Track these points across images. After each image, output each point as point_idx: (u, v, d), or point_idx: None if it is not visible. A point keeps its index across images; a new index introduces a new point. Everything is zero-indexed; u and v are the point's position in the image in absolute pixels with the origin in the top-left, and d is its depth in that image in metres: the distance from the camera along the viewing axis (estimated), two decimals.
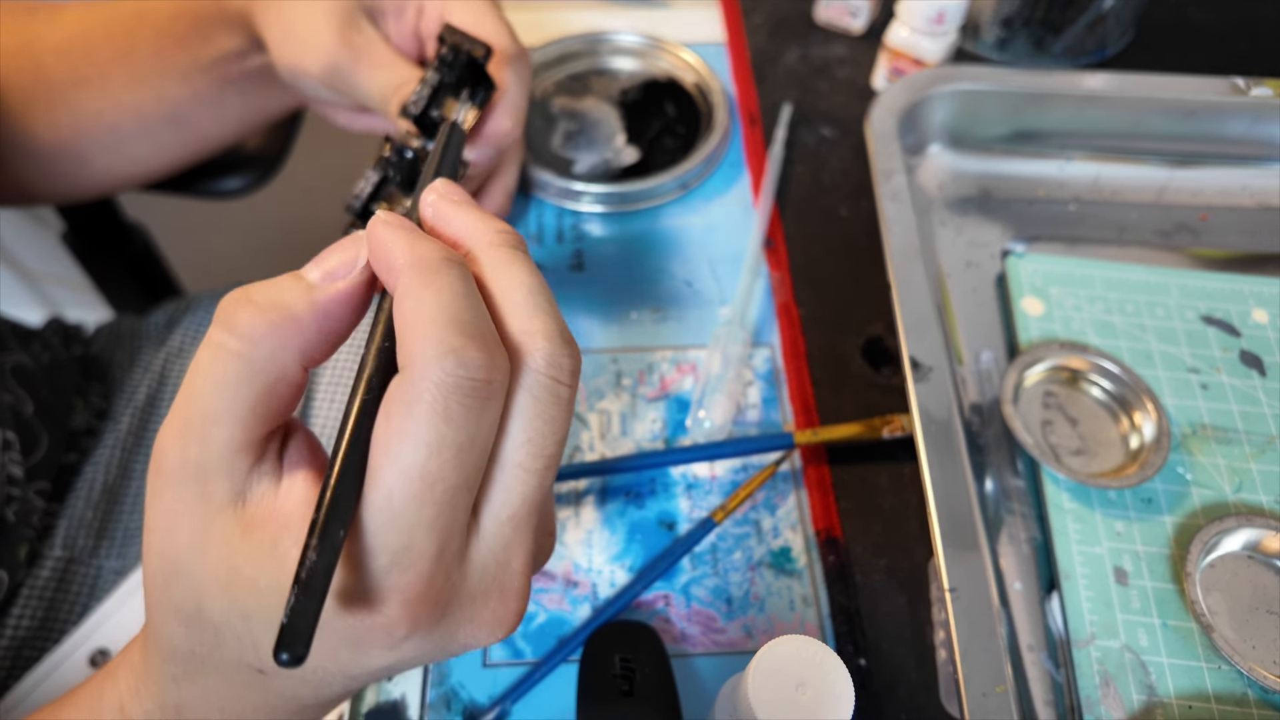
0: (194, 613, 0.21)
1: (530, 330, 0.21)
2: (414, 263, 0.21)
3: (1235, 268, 0.47)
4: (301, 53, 0.39)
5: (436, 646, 0.22)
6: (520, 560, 0.22)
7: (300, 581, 0.18)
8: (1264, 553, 0.36)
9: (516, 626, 0.23)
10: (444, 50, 0.36)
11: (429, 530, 0.20)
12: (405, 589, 0.20)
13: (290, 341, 0.21)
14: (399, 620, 0.20)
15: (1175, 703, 0.33)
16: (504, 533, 0.22)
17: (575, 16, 0.62)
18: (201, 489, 0.21)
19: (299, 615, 0.17)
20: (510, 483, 0.21)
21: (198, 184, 0.60)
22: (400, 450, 0.19)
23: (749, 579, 0.37)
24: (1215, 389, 0.41)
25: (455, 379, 0.19)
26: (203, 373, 0.21)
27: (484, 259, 0.23)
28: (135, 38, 0.43)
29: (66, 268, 0.75)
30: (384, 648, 0.21)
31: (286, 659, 0.17)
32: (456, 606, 0.21)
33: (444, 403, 0.19)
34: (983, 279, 0.47)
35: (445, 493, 0.19)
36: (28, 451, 0.45)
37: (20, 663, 0.42)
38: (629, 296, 0.47)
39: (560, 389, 0.22)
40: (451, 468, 0.19)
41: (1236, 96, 0.48)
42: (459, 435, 0.19)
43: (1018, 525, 0.38)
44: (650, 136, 0.54)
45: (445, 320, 0.20)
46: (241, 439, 0.21)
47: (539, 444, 0.21)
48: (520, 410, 0.21)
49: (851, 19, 0.60)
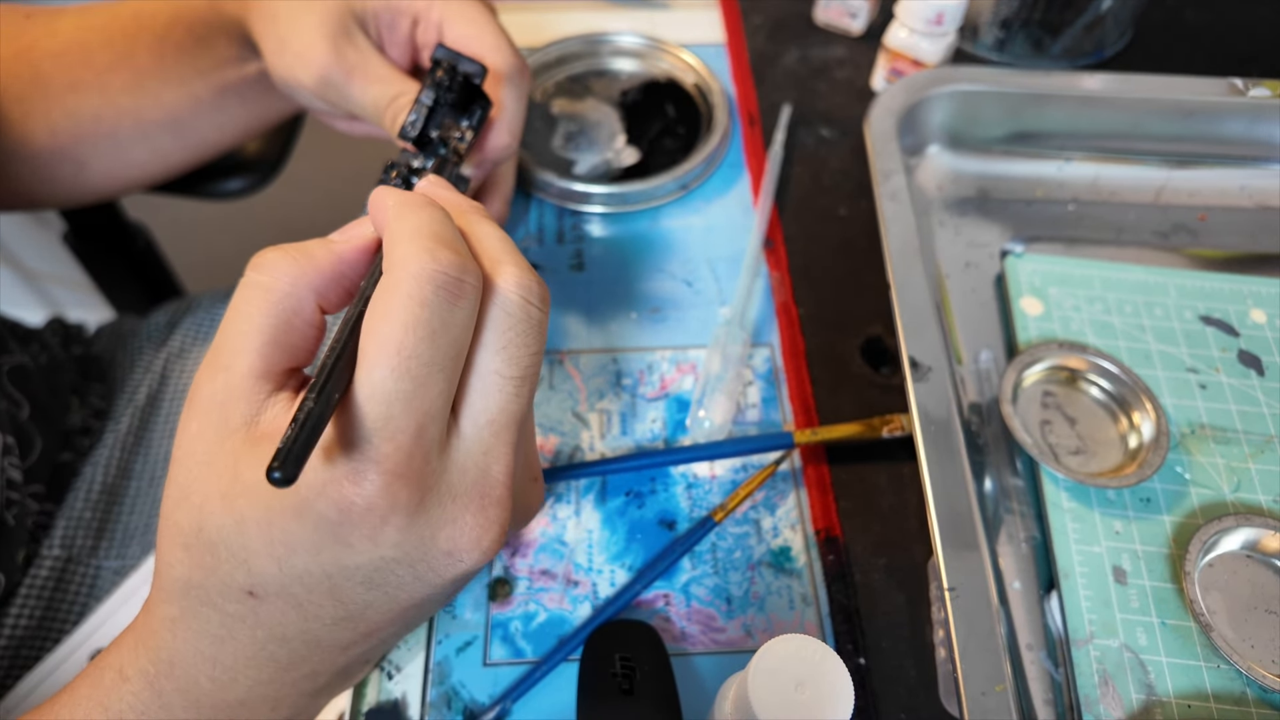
0: (194, 532, 0.23)
1: (500, 260, 0.25)
2: (402, 200, 0.24)
3: (1234, 268, 0.47)
4: (294, 64, 0.39)
5: (418, 546, 0.23)
6: (500, 468, 0.24)
7: (296, 421, 0.20)
8: (1262, 552, 0.36)
9: (498, 543, 0.24)
10: (439, 74, 0.36)
11: (406, 405, 0.21)
12: (383, 460, 0.21)
13: (308, 278, 0.24)
14: (378, 492, 0.21)
15: (1174, 702, 0.33)
16: (484, 437, 0.24)
17: (575, 18, 0.62)
18: (220, 414, 0.23)
19: (293, 441, 0.19)
20: (487, 388, 0.24)
21: (199, 185, 0.60)
22: (379, 328, 0.22)
23: (749, 578, 0.37)
24: (1214, 389, 0.41)
25: (429, 271, 0.22)
26: (233, 308, 0.23)
27: (462, 218, 0.26)
28: (134, 43, 0.43)
29: (68, 268, 0.76)
30: (365, 535, 0.22)
31: (279, 476, 0.19)
32: (436, 502, 0.23)
33: (419, 290, 0.22)
34: (982, 279, 0.47)
35: (420, 369, 0.22)
36: (24, 454, 0.45)
37: (19, 663, 0.42)
38: (629, 296, 0.47)
39: (530, 309, 0.24)
40: (425, 345, 0.22)
41: (1234, 97, 0.48)
42: (432, 318, 0.22)
43: (1017, 524, 0.38)
44: (650, 137, 0.54)
45: (424, 232, 0.23)
46: (261, 367, 0.23)
47: (512, 353, 0.24)
48: (493, 322, 0.24)
49: (850, 20, 0.61)
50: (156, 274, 0.73)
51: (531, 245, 0.49)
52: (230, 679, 0.24)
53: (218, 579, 0.23)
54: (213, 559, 0.22)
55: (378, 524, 0.22)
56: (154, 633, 0.24)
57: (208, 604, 0.23)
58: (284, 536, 0.22)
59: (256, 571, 0.22)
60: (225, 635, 0.23)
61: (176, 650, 0.24)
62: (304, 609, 0.23)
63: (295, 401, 0.23)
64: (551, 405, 0.43)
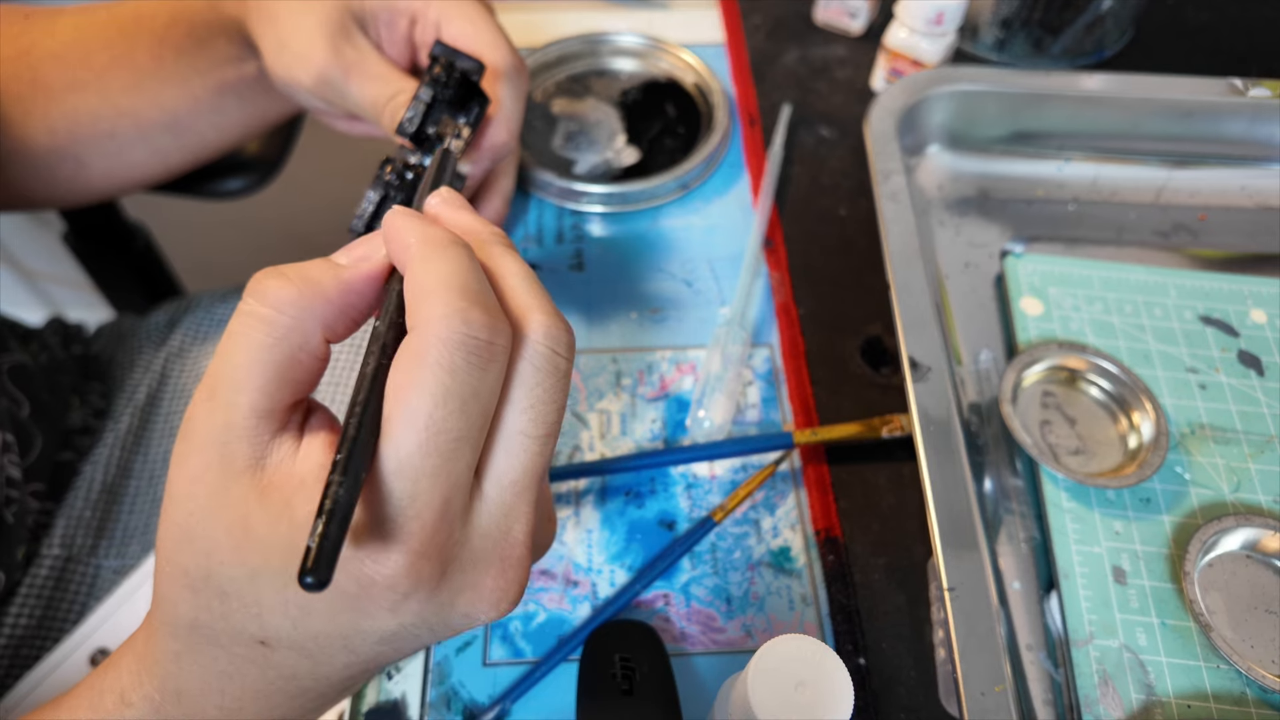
0: (202, 578, 0.22)
1: (529, 306, 0.23)
2: (425, 239, 0.22)
3: (1233, 268, 0.47)
4: (293, 64, 0.39)
5: (437, 613, 0.22)
6: (521, 529, 0.23)
7: (325, 510, 0.19)
8: (1262, 552, 0.36)
9: (517, 602, 0.24)
10: (437, 70, 0.36)
11: (433, 480, 0.20)
12: (409, 539, 0.20)
13: (315, 310, 0.22)
14: (402, 572, 0.21)
15: (1174, 702, 0.33)
16: (506, 499, 0.22)
17: (575, 17, 0.62)
18: (223, 453, 0.21)
19: (324, 539, 0.18)
20: (513, 448, 0.22)
21: (199, 185, 0.60)
22: (407, 399, 0.20)
23: (748, 578, 0.37)
24: (1214, 389, 0.41)
25: (460, 336, 0.20)
26: (231, 339, 0.22)
27: (482, 252, 0.24)
28: (133, 44, 0.43)
29: (68, 268, 0.76)
30: (385, 607, 0.21)
31: (311, 581, 0.18)
32: (458, 570, 0.22)
33: (449, 357, 0.20)
34: (981, 279, 0.47)
35: (449, 444, 0.20)
36: (24, 453, 0.45)
37: (19, 662, 0.42)
38: (629, 296, 0.47)
39: (559, 360, 0.23)
40: (456, 419, 0.20)
41: (1234, 97, 0.48)
42: (463, 389, 0.20)
43: (1016, 525, 0.38)
44: (650, 137, 0.54)
45: (452, 286, 0.21)
46: (265, 405, 0.22)
47: (540, 411, 0.23)
48: (522, 379, 0.22)
49: (850, 20, 0.61)
50: (156, 273, 0.73)
51: (531, 245, 0.49)
52: (238, 708, 0.24)
53: (228, 625, 0.22)
54: (223, 606, 0.22)
55: (399, 600, 0.21)
56: (158, 663, 0.24)
57: (215, 644, 0.23)
58: (299, 600, 0.21)
59: (269, 626, 0.22)
60: (233, 672, 0.23)
61: (183, 682, 0.23)
62: (316, 659, 0.23)
63: (302, 445, 0.22)
64: None
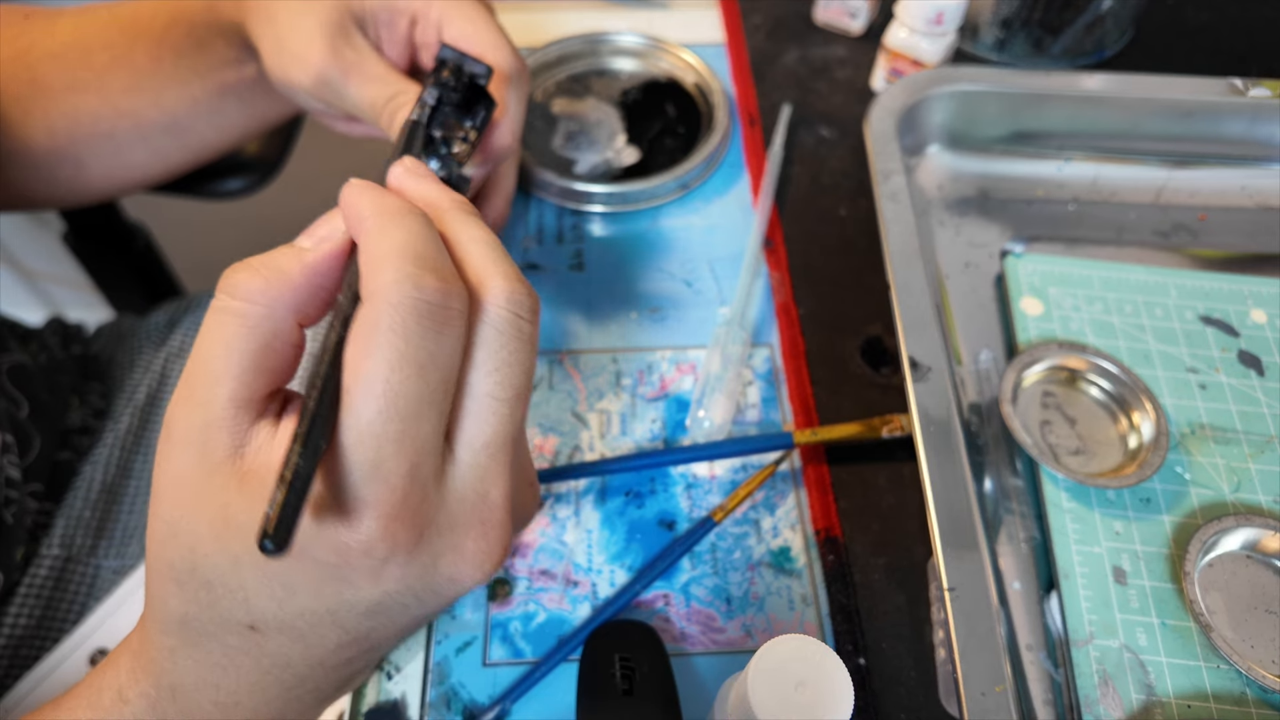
0: (187, 570, 0.22)
1: (489, 272, 0.23)
2: (378, 210, 0.22)
3: (1234, 268, 0.47)
4: (291, 65, 0.39)
5: (420, 578, 0.22)
6: (499, 492, 0.23)
7: (283, 479, 0.19)
8: (1262, 552, 0.36)
9: (500, 564, 0.24)
10: (445, 74, 0.35)
11: (398, 445, 0.20)
12: (379, 503, 0.20)
13: (285, 297, 0.22)
14: (377, 537, 0.21)
15: (1174, 702, 0.33)
16: (480, 462, 0.23)
17: (576, 17, 0.62)
18: (204, 445, 0.22)
19: (283, 507, 0.19)
20: (481, 411, 0.22)
21: (199, 185, 0.60)
22: (363, 367, 0.20)
23: (748, 578, 0.37)
24: (1214, 389, 0.41)
25: (412, 300, 0.20)
26: (206, 336, 0.22)
27: (444, 219, 0.24)
28: (132, 45, 0.43)
29: (68, 268, 0.76)
30: (366, 574, 0.21)
31: (270, 547, 0.18)
32: (436, 533, 0.22)
33: (401, 322, 0.20)
34: (981, 279, 0.47)
35: (409, 407, 0.20)
36: (23, 453, 0.45)
37: (19, 662, 0.42)
38: (629, 296, 0.47)
39: (521, 324, 0.23)
40: (413, 383, 0.20)
41: (1234, 97, 0.48)
42: (418, 353, 0.20)
43: (1016, 525, 0.38)
44: (651, 137, 0.54)
45: (404, 253, 0.21)
46: (243, 395, 0.22)
47: (505, 374, 0.23)
48: (484, 342, 0.22)
49: (850, 20, 0.61)
50: (156, 274, 0.73)
51: (531, 245, 0.49)
52: (234, 702, 0.24)
53: (216, 614, 0.22)
54: (209, 595, 0.22)
55: (378, 565, 0.21)
56: (153, 660, 0.24)
57: (207, 636, 0.23)
58: (283, 579, 0.21)
59: (255, 610, 0.22)
60: (228, 664, 0.23)
61: (179, 678, 0.24)
62: (307, 639, 0.23)
63: (279, 430, 0.22)
64: (551, 405, 0.43)
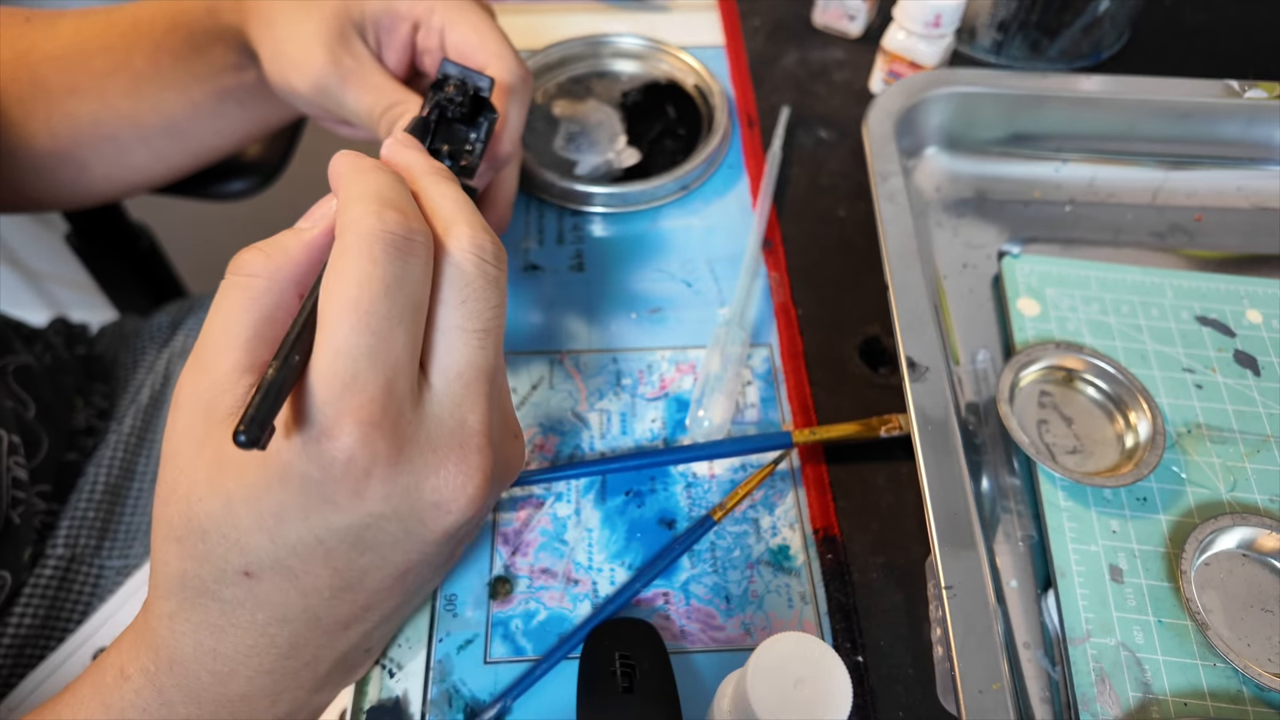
0: (184, 522, 0.23)
1: (455, 220, 0.25)
2: (353, 167, 0.25)
3: (1230, 268, 0.47)
4: (290, 71, 0.39)
5: (404, 498, 0.23)
6: (476, 419, 0.25)
7: (259, 387, 0.20)
8: (1258, 551, 0.36)
9: (483, 494, 0.25)
10: (449, 89, 0.35)
11: (372, 359, 0.22)
12: (356, 411, 0.22)
13: (285, 270, 0.24)
14: (357, 443, 0.22)
15: (1171, 700, 0.33)
16: (454, 390, 0.24)
17: (576, 19, 0.62)
18: (208, 408, 0.23)
19: (256, 406, 0.20)
20: (452, 343, 0.24)
21: (202, 186, 0.61)
22: (335, 288, 0.22)
23: (748, 577, 0.38)
24: (1210, 389, 0.41)
25: (376, 230, 0.23)
26: (214, 310, 0.24)
27: (420, 182, 0.27)
28: (132, 49, 0.43)
29: (71, 269, 0.76)
30: (350, 490, 0.22)
31: (243, 439, 0.20)
32: (416, 452, 0.23)
33: (367, 247, 0.23)
34: (979, 280, 0.47)
35: (380, 323, 0.22)
36: (31, 454, 0.45)
37: (23, 662, 0.42)
38: (629, 296, 0.47)
39: (486, 266, 0.25)
40: (382, 301, 0.22)
41: (1231, 99, 0.49)
42: (385, 274, 0.22)
43: (1014, 523, 0.38)
44: (651, 138, 0.54)
45: (367, 194, 0.24)
46: (245, 362, 0.24)
47: (473, 307, 0.24)
48: (450, 280, 0.24)
49: (849, 22, 0.61)
50: (159, 274, 0.73)
51: (532, 246, 0.50)
52: (230, 670, 0.24)
53: (212, 565, 0.23)
54: (204, 545, 0.23)
55: (360, 477, 0.22)
56: (153, 631, 0.24)
57: (205, 593, 0.23)
58: (272, 506, 0.22)
59: (249, 549, 0.23)
60: (225, 624, 0.24)
61: (176, 646, 0.24)
62: (300, 581, 0.24)
63: None
64: (552, 405, 0.43)
